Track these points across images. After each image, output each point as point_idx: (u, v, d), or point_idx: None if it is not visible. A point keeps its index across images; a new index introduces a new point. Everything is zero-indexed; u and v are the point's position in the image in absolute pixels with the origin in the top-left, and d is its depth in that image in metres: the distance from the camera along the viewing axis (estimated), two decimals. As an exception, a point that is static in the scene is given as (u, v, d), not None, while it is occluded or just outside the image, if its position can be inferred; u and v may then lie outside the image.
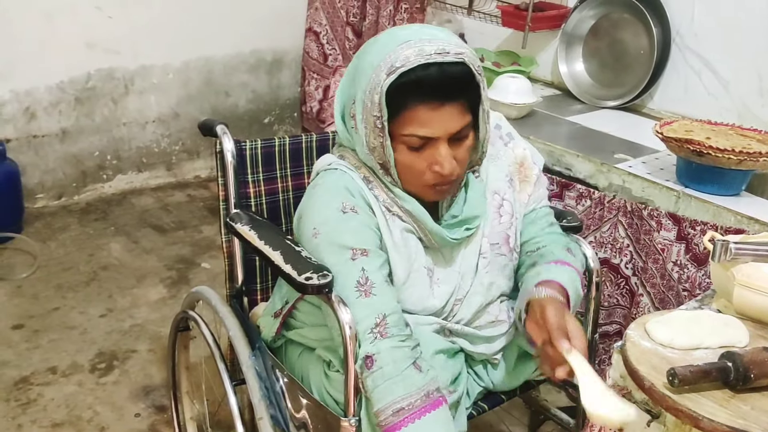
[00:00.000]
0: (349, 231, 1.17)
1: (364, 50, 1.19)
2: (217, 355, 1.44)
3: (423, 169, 1.17)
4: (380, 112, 1.13)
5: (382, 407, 1.09)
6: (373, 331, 1.12)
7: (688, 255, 1.74)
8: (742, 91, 2.15)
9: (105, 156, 3.26)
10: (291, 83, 3.73)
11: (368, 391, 1.11)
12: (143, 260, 2.78)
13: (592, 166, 1.95)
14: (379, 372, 1.10)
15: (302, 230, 1.23)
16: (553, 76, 2.67)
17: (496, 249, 1.30)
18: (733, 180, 1.73)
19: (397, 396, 1.09)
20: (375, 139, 1.16)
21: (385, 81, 1.11)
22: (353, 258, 1.15)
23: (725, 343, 1.08)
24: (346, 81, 1.23)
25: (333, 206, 1.19)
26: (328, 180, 1.23)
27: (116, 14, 3.06)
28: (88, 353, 2.23)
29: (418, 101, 1.12)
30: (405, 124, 1.14)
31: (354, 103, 1.18)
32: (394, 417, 1.08)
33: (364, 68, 1.15)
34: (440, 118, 1.13)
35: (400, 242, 1.22)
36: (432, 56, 1.10)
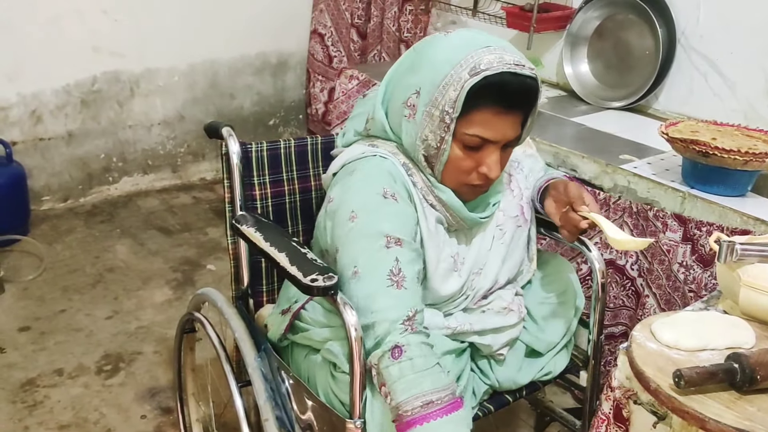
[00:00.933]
0: (387, 217, 1.19)
1: (431, 45, 1.23)
2: (223, 357, 1.44)
3: (470, 169, 1.23)
4: (453, 108, 1.17)
5: (409, 398, 1.08)
6: (405, 323, 1.13)
7: (694, 256, 1.74)
8: (748, 91, 2.15)
9: (111, 158, 3.27)
10: (296, 85, 3.74)
11: (391, 380, 1.09)
12: (149, 262, 2.79)
13: (598, 167, 1.94)
14: (408, 363, 1.10)
15: (337, 213, 1.22)
16: (558, 77, 2.67)
17: (515, 221, 1.38)
18: (739, 181, 1.72)
19: (425, 389, 1.09)
20: (434, 132, 1.20)
21: (468, 81, 1.15)
22: (387, 246, 1.16)
23: (731, 345, 1.08)
24: (398, 73, 1.26)
25: (374, 190, 1.20)
26: (368, 165, 1.24)
27: (122, 18, 3.07)
28: (94, 355, 2.24)
29: (488, 104, 1.17)
30: (471, 124, 1.19)
31: (417, 93, 1.20)
32: (423, 409, 1.07)
33: (436, 62, 1.19)
34: (503, 124, 1.19)
35: (433, 231, 1.26)
36: (512, 66, 1.16)
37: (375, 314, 1.13)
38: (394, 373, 1.10)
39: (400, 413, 1.08)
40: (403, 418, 1.08)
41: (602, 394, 1.17)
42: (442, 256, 1.28)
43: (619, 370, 1.12)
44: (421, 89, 1.19)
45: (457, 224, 1.30)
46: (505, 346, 1.37)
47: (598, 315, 1.45)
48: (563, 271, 1.49)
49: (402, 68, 1.26)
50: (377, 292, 1.14)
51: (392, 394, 1.09)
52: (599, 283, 1.43)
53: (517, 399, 1.44)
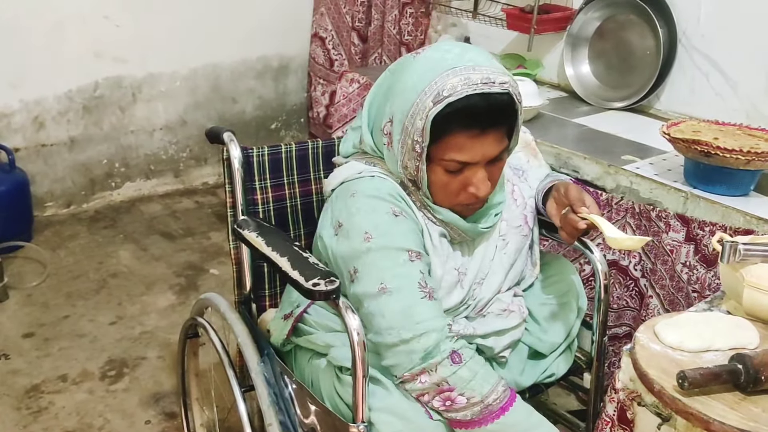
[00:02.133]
0: (403, 234, 1.19)
1: (402, 68, 1.20)
2: (226, 362, 1.44)
3: (457, 190, 1.22)
4: (421, 138, 1.15)
5: (492, 387, 1.16)
6: (451, 331, 1.18)
7: (698, 256, 1.73)
8: (750, 91, 2.14)
9: (113, 164, 3.28)
10: (297, 89, 3.74)
11: (465, 382, 1.14)
12: (152, 267, 2.79)
13: (600, 168, 1.94)
14: (472, 362, 1.16)
15: (348, 236, 1.21)
16: (559, 79, 2.67)
17: (518, 231, 1.38)
18: (742, 180, 1.72)
19: (497, 377, 1.18)
20: (410, 161, 1.19)
21: (431, 110, 1.12)
22: (411, 260, 1.18)
23: (735, 345, 1.08)
24: (378, 97, 1.25)
25: (382, 210, 1.20)
26: (369, 186, 1.23)
27: (124, 23, 3.08)
28: (98, 361, 2.24)
29: (460, 129, 1.14)
30: (445, 149, 1.16)
31: (390, 122, 1.19)
32: (505, 393, 1.17)
33: (404, 90, 1.17)
34: (481, 145, 1.16)
35: (438, 245, 1.26)
36: (479, 86, 1.12)
37: (420, 325, 1.14)
38: (465, 375, 1.14)
39: (489, 404, 1.15)
40: (493, 407, 1.15)
41: (606, 396, 1.17)
42: (446, 269, 1.27)
43: (623, 372, 1.12)
44: (394, 118, 1.18)
45: (460, 237, 1.30)
46: (507, 348, 1.37)
47: (602, 316, 1.45)
48: (565, 272, 1.49)
49: (380, 91, 1.25)
50: (415, 305, 1.15)
51: (470, 392, 1.14)
52: (602, 284, 1.43)
53: (521, 401, 1.43)
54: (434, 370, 1.13)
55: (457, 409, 1.15)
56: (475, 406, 1.14)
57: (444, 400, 1.15)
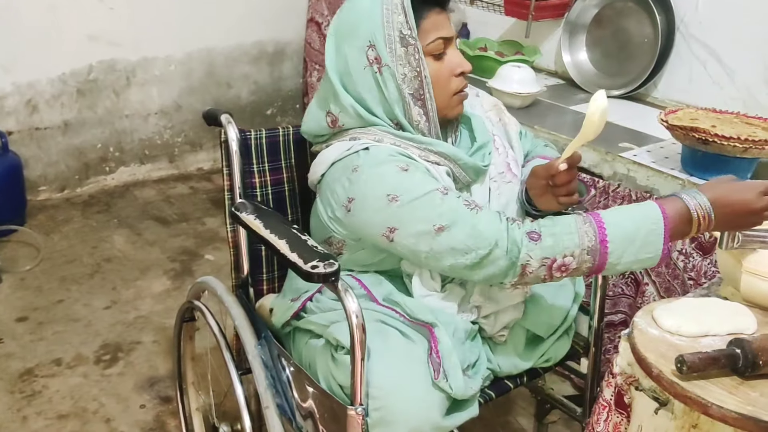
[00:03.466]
0: (423, 180, 1.21)
1: (344, 10, 1.30)
2: (223, 345, 1.44)
3: (448, 77, 1.30)
4: (409, 28, 1.24)
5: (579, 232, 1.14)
6: (510, 222, 1.17)
7: (693, 243, 1.74)
8: (747, 79, 2.14)
9: (107, 148, 3.26)
10: (293, 74, 3.72)
11: (553, 246, 1.14)
12: (147, 252, 2.79)
13: (597, 155, 1.94)
14: (545, 229, 1.16)
15: (365, 207, 1.21)
16: (557, 66, 2.66)
17: (503, 177, 1.40)
18: (739, 168, 1.72)
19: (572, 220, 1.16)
20: (408, 64, 1.25)
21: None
22: (445, 192, 1.19)
23: (733, 331, 1.08)
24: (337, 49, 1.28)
25: (392, 171, 1.21)
26: (368, 157, 1.23)
27: (118, 6, 3.06)
28: (92, 345, 2.24)
29: (428, 9, 1.27)
30: (427, 32, 1.27)
31: (371, 46, 1.25)
32: (591, 225, 1.15)
33: (368, 10, 1.25)
34: (445, 21, 1.30)
35: (449, 184, 1.29)
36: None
37: (490, 236, 1.15)
38: (550, 243, 1.15)
39: (590, 247, 1.14)
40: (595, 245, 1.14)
41: (603, 381, 1.17)
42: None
43: (620, 357, 1.12)
44: (372, 39, 1.24)
45: (462, 178, 1.32)
46: (505, 328, 1.37)
47: (599, 302, 1.45)
48: (564, 257, 1.49)
49: (333, 50, 1.29)
50: (473, 223, 1.16)
51: (569, 251, 1.14)
52: (600, 270, 1.43)
53: (518, 386, 1.43)
54: (529, 257, 1.14)
55: (576, 268, 1.16)
56: (582, 255, 1.14)
57: (559, 271, 1.16)
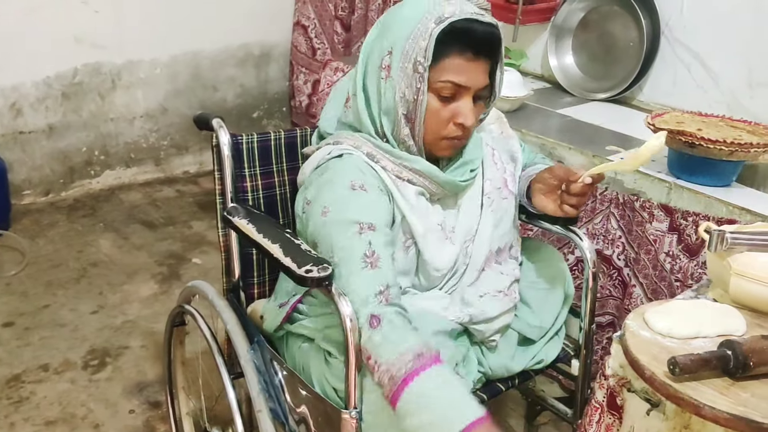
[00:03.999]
0: (358, 207, 1.21)
1: (394, 9, 1.29)
2: (215, 349, 1.43)
3: (447, 120, 1.27)
4: (424, 57, 1.21)
5: (398, 356, 1.07)
6: (377, 297, 1.14)
7: (681, 246, 1.75)
8: (731, 83, 2.17)
9: (92, 152, 3.24)
10: (279, 77, 3.72)
11: (376, 347, 1.09)
12: (133, 256, 2.77)
13: (584, 159, 1.95)
14: (388, 326, 1.11)
15: (312, 213, 1.24)
16: (543, 69, 2.68)
17: (499, 193, 1.40)
18: (725, 171, 1.74)
19: (412, 344, 1.08)
20: (410, 87, 1.23)
21: (434, 29, 1.20)
22: (360, 232, 1.18)
23: (723, 332, 1.09)
24: (372, 41, 1.30)
25: (342, 185, 1.23)
26: (337, 166, 1.26)
27: (103, 8, 3.04)
28: (80, 350, 2.22)
29: (457, 51, 1.22)
30: (442, 71, 1.23)
31: (389, 53, 1.24)
32: (415, 362, 1.06)
33: (403, 20, 1.24)
34: (474, 70, 1.24)
35: (415, 204, 1.29)
36: (474, 14, 1.22)
37: (350, 294, 1.14)
38: (377, 340, 1.10)
39: (393, 374, 1.06)
40: (396, 379, 1.06)
41: (595, 383, 1.18)
42: (429, 226, 1.29)
43: (612, 359, 1.13)
44: (393, 48, 1.24)
45: (440, 192, 1.32)
46: (497, 333, 1.38)
47: (590, 304, 1.46)
48: (553, 259, 1.51)
49: (371, 38, 1.31)
50: (352, 274, 1.16)
51: (380, 359, 1.08)
52: (590, 272, 1.44)
53: (510, 388, 1.44)
54: (361, 337, 1.12)
55: (377, 379, 1.10)
56: (383, 375, 1.08)
57: (371, 369, 1.11)
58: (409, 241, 1.28)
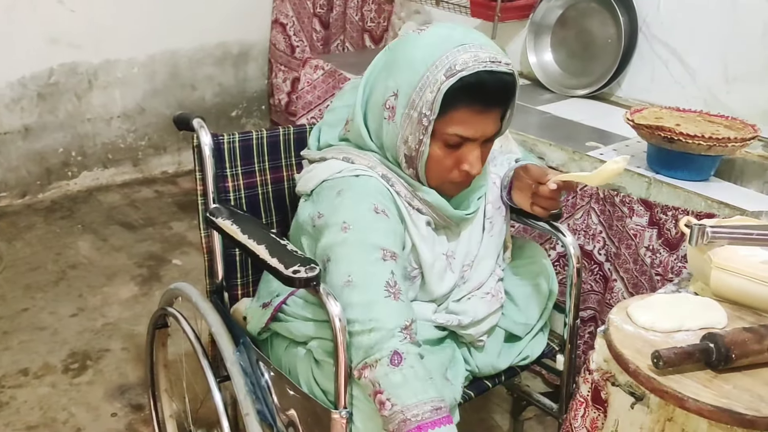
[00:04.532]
0: (382, 232, 1.18)
1: (406, 44, 1.22)
2: (200, 352, 1.42)
3: (451, 167, 1.23)
4: (430, 110, 1.16)
5: (417, 402, 1.07)
6: (403, 331, 1.12)
7: (660, 240, 1.77)
8: (708, 78, 2.19)
9: (69, 153, 3.20)
10: (258, 76, 3.70)
11: (394, 386, 1.08)
12: (113, 258, 2.74)
13: (565, 155, 1.97)
14: (411, 371, 1.09)
15: (326, 227, 1.20)
16: (522, 66, 2.69)
17: (499, 212, 1.40)
18: (703, 165, 1.76)
19: (433, 396, 1.09)
20: (413, 134, 1.19)
21: (444, 83, 1.14)
22: (384, 258, 1.16)
23: (705, 325, 1.11)
24: (376, 73, 1.25)
25: (365, 206, 1.19)
26: (357, 184, 1.22)
27: (79, 8, 3.00)
28: (60, 354, 2.19)
29: (466, 104, 1.17)
30: (449, 123, 1.18)
31: (395, 95, 1.19)
32: (432, 414, 1.07)
33: (412, 63, 1.17)
34: (483, 122, 1.20)
35: (425, 234, 1.27)
36: (488, 64, 1.15)
37: (374, 321, 1.11)
38: (396, 380, 1.08)
39: (407, 417, 1.06)
40: (410, 423, 1.06)
41: (580, 377, 1.19)
42: (435, 255, 1.29)
43: (596, 353, 1.14)
44: (399, 91, 1.19)
45: (445, 222, 1.31)
46: (485, 334, 1.39)
47: (574, 299, 1.48)
48: (537, 256, 1.52)
49: (377, 69, 1.26)
50: (376, 301, 1.13)
51: (395, 399, 1.08)
52: (574, 267, 1.45)
53: (497, 384, 1.45)
54: (374, 366, 1.10)
55: (385, 414, 1.09)
56: (396, 415, 1.07)
57: (378, 401, 1.10)
58: (415, 271, 1.27)
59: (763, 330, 1.03)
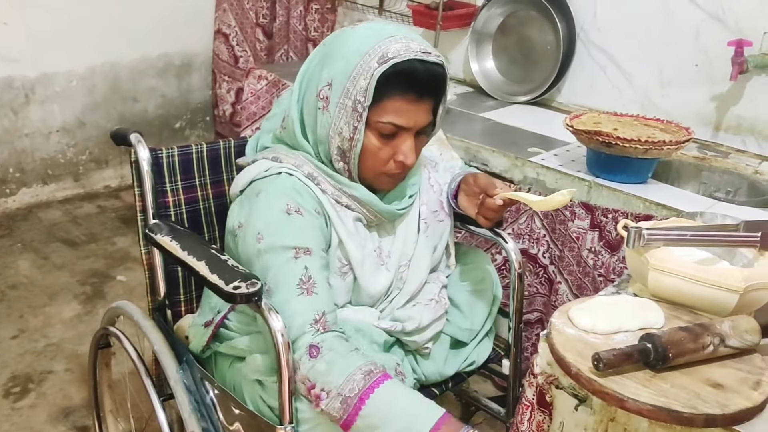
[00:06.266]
0: (293, 232, 1.19)
1: (340, 37, 1.25)
2: (143, 371, 1.39)
3: (386, 158, 1.25)
4: (364, 97, 1.18)
5: (348, 377, 1.08)
6: (313, 326, 1.14)
7: (602, 242, 1.81)
8: (643, 83, 2.26)
9: (7, 169, 3.10)
10: (202, 86, 3.65)
11: (322, 375, 1.09)
12: (54, 276, 2.67)
13: (507, 161, 1.99)
14: (330, 353, 1.11)
15: (245, 238, 1.22)
16: (465, 74, 2.72)
17: (436, 216, 1.41)
18: (641, 168, 1.81)
19: (360, 363, 1.10)
20: (347, 123, 1.21)
21: (377, 69, 1.17)
22: (296, 257, 1.17)
23: (643, 326, 1.13)
24: (314, 66, 1.27)
25: (277, 208, 1.21)
26: (273, 185, 1.24)
27: (12, 20, 2.92)
28: (0, 378, 2.12)
29: (399, 92, 1.20)
30: (383, 112, 1.21)
31: (329, 85, 1.21)
32: (366, 379, 1.08)
33: (347, 53, 1.20)
34: (415, 111, 1.22)
35: (353, 230, 1.27)
36: (419, 53, 1.18)
37: (286, 320, 1.13)
38: (321, 368, 1.10)
39: (345, 395, 1.07)
40: (350, 400, 1.07)
41: (524, 381, 1.20)
42: (365, 252, 1.29)
43: (540, 357, 1.15)
44: (333, 81, 1.21)
45: (377, 219, 1.31)
46: (430, 341, 1.39)
47: (517, 303, 1.49)
48: (480, 261, 1.53)
49: (313, 63, 1.28)
50: (288, 300, 1.15)
51: (328, 386, 1.09)
52: (516, 272, 1.47)
53: (444, 391, 1.46)
54: (298, 366, 1.12)
55: (324, 407, 1.10)
56: (334, 400, 1.08)
57: (314, 396, 1.11)
58: (345, 267, 1.27)
59: (698, 329, 1.06)
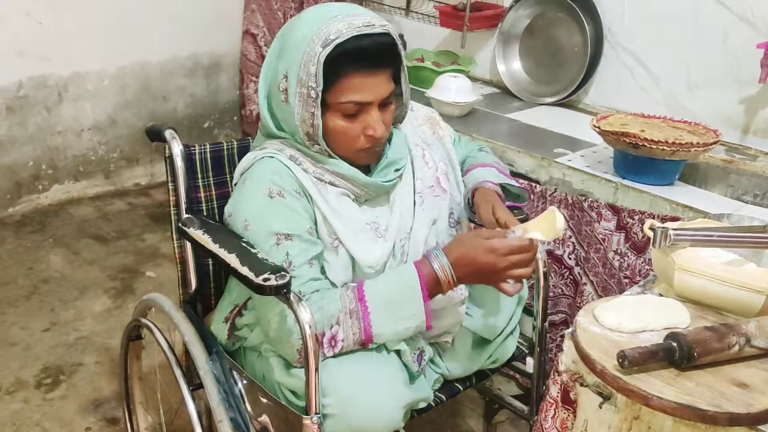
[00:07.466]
0: (275, 217, 1.23)
1: (289, 27, 1.27)
2: (173, 362, 1.42)
3: (357, 135, 1.27)
4: (315, 83, 1.20)
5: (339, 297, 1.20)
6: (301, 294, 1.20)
7: (628, 243, 1.81)
8: (671, 85, 2.25)
9: (40, 166, 3.17)
10: (229, 87, 3.70)
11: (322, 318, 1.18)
12: (85, 271, 2.72)
13: (533, 162, 2.00)
14: (319, 300, 1.20)
15: (235, 226, 1.27)
16: (492, 75, 2.73)
17: (431, 191, 1.41)
18: (668, 170, 1.81)
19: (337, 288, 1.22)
20: (307, 111, 1.23)
21: (321, 53, 1.18)
22: (278, 243, 1.22)
23: (669, 325, 1.13)
24: (270, 60, 1.30)
25: (260, 194, 1.25)
26: (256, 170, 1.28)
27: (47, 20, 2.98)
28: (32, 369, 2.17)
29: (352, 70, 1.22)
30: (341, 92, 1.23)
31: (285, 77, 1.24)
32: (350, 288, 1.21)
33: (295, 42, 1.23)
34: (373, 83, 1.23)
35: (338, 207, 1.29)
36: (361, 28, 1.20)
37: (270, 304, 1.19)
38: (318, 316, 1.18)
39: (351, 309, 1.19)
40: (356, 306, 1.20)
41: (549, 379, 1.21)
42: (357, 227, 1.29)
43: (565, 355, 1.16)
44: (288, 72, 1.24)
45: (365, 193, 1.32)
46: (448, 333, 1.40)
47: (542, 302, 1.50)
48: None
49: (272, 57, 1.30)
50: None
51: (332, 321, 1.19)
52: (541, 272, 1.48)
53: (468, 387, 1.47)
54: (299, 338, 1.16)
55: (345, 338, 1.19)
56: (346, 320, 1.18)
57: (330, 346, 1.19)
58: (336, 242, 1.28)
59: (723, 329, 1.06)
